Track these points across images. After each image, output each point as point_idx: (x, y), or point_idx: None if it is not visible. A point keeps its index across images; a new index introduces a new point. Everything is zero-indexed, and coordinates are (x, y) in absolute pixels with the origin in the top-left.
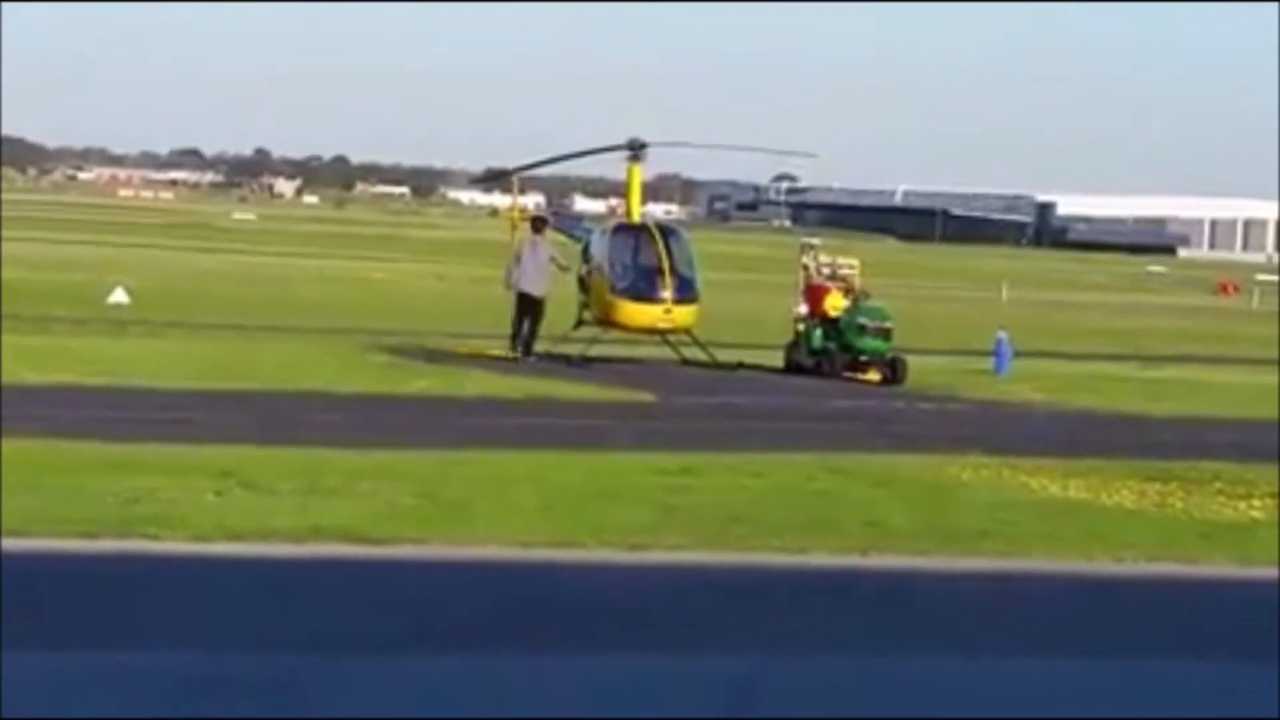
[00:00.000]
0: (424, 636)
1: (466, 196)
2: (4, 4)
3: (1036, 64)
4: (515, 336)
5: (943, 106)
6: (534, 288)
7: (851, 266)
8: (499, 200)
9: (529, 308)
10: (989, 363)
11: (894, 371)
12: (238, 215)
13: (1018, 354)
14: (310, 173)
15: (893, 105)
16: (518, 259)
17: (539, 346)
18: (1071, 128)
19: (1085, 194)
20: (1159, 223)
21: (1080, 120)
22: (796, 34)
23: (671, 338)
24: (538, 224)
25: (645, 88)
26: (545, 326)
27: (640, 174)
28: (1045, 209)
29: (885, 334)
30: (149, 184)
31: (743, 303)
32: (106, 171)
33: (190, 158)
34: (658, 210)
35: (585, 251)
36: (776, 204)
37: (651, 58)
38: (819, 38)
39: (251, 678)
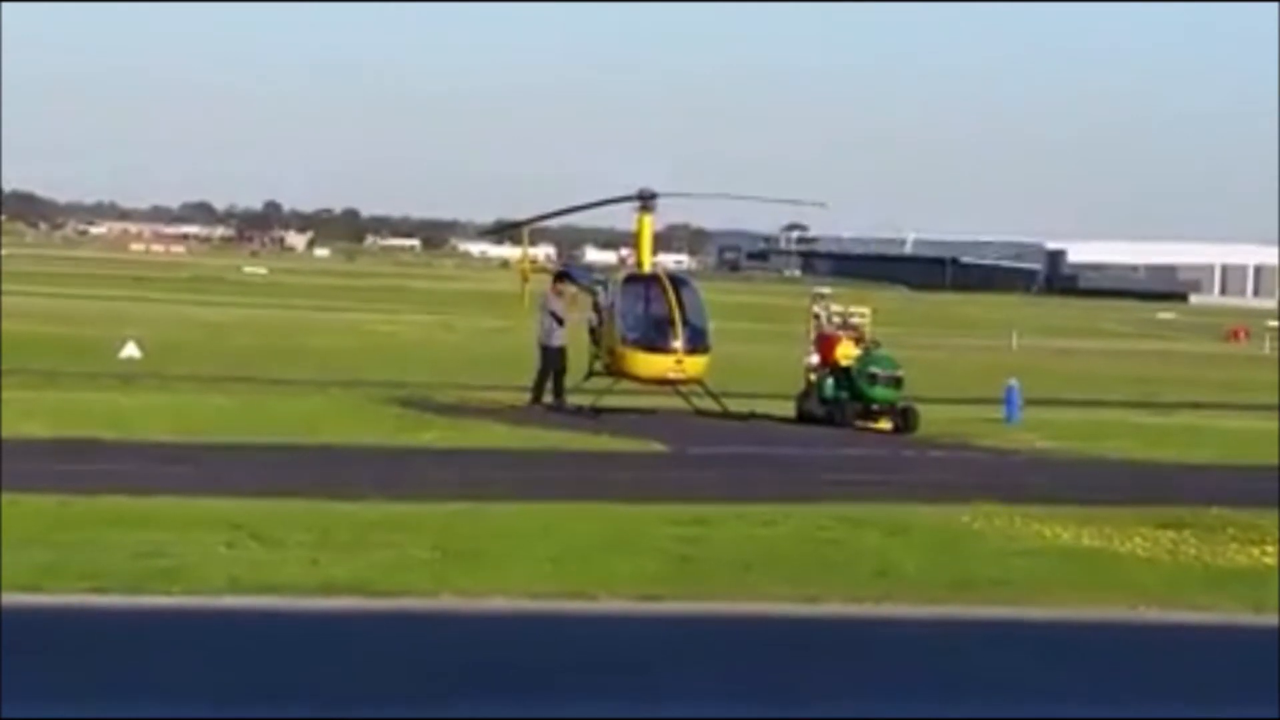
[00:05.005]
0: (436, 689)
1: (477, 248)
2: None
3: (1047, 110)
4: (539, 387)
5: (952, 154)
6: (548, 339)
7: (862, 315)
8: (509, 252)
9: (544, 359)
10: (1000, 411)
11: (905, 420)
12: (249, 269)
13: (1029, 402)
14: (321, 226)
15: (902, 153)
16: (545, 314)
17: (545, 398)
18: (1081, 175)
19: (1095, 241)
20: (1169, 269)
21: (1090, 167)
22: (806, 82)
23: (683, 388)
24: (558, 279)
25: (654, 137)
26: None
27: (650, 224)
28: (1055, 256)
29: (896, 383)
30: (160, 238)
31: (754, 352)
32: (118, 226)
33: (201, 212)
34: (668, 260)
35: (596, 302)
36: (787, 253)
37: (660, 106)
38: (829, 85)
39: None
